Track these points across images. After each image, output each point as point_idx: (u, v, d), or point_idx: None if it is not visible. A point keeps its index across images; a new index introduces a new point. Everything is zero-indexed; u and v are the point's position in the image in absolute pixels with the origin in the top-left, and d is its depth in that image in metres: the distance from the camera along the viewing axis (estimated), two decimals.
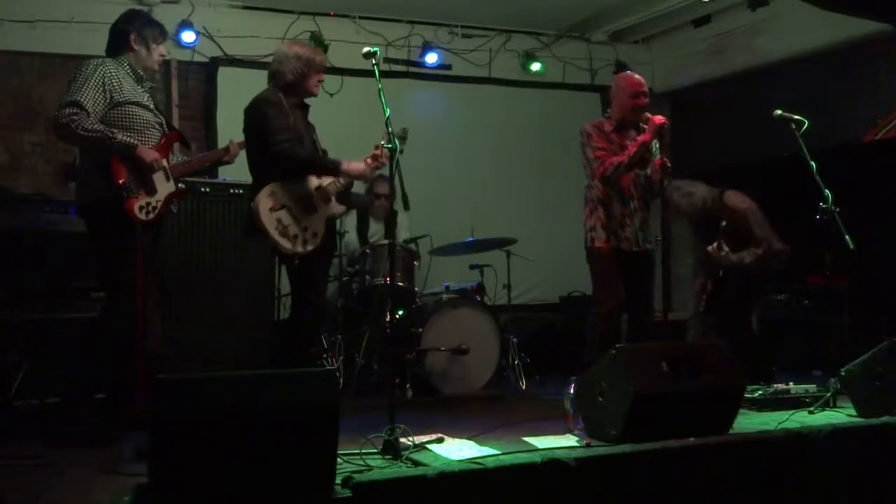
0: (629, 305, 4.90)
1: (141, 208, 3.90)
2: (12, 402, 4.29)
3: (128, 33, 4.06)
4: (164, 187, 4.01)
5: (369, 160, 4.33)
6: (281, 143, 4.16)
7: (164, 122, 4.19)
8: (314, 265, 4.30)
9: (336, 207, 4.41)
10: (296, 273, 4.30)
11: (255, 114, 4.25)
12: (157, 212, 3.96)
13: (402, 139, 4.55)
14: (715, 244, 5.35)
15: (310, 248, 4.22)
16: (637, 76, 4.99)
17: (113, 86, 3.94)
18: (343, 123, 4.66)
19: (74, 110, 3.81)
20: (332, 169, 4.30)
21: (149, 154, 3.93)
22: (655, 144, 4.79)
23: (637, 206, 4.88)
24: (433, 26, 7.37)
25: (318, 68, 4.37)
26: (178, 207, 4.35)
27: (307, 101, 4.46)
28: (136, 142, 3.92)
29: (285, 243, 4.16)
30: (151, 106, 4.12)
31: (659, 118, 4.72)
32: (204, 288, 5.38)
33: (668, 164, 4.71)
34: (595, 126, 4.91)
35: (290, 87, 4.32)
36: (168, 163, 4.07)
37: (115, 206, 3.85)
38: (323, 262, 4.49)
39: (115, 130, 3.87)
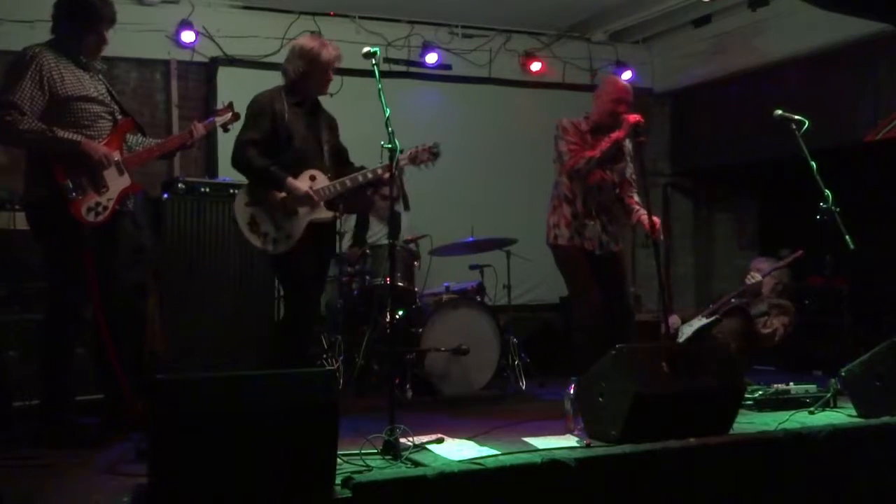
0: (606, 309, 4.79)
1: (90, 209, 3.64)
2: (12, 402, 4.28)
3: (73, 11, 3.72)
4: (116, 183, 3.73)
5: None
6: (238, 148, 4.19)
7: (115, 111, 3.87)
8: (304, 266, 4.26)
9: (322, 213, 4.30)
10: (284, 272, 4.32)
11: (245, 114, 4.30)
12: (108, 211, 3.69)
13: (436, 154, 4.41)
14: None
15: (280, 249, 4.19)
16: (624, 83, 4.98)
17: (52, 78, 3.62)
18: (343, 124, 4.65)
19: (8, 111, 3.52)
20: (276, 183, 4.16)
21: (97, 150, 3.64)
22: (628, 143, 4.85)
23: (598, 208, 4.84)
24: (433, 26, 7.37)
25: (323, 66, 4.27)
26: (133, 203, 3.97)
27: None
28: (79, 138, 3.63)
29: (253, 239, 4.18)
30: (100, 94, 3.81)
31: (633, 116, 4.68)
32: (204, 288, 5.39)
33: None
34: (572, 122, 4.92)
35: (293, 85, 4.32)
36: (122, 154, 3.79)
37: (59, 209, 3.60)
38: (320, 262, 4.46)
39: (56, 128, 3.58)
